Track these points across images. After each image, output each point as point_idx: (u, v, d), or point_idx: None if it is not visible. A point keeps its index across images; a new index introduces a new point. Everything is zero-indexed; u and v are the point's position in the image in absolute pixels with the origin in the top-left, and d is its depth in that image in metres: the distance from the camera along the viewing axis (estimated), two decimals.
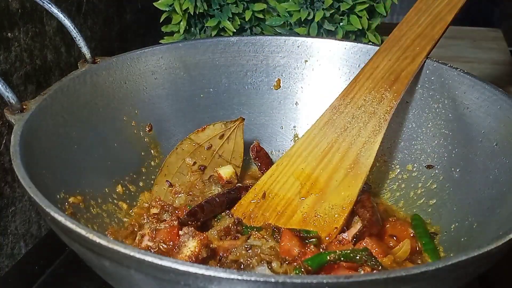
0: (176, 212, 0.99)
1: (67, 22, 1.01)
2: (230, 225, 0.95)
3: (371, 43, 1.24)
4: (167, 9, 1.31)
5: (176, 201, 1.04)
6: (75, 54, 1.22)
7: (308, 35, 1.28)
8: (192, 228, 0.91)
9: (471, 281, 0.75)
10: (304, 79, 1.17)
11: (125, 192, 1.03)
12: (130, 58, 1.09)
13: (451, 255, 0.90)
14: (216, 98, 1.16)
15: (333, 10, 1.28)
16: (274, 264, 0.83)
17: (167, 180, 1.07)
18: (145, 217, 1.01)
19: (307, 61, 1.17)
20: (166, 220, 0.96)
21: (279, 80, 1.17)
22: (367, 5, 1.28)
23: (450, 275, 0.68)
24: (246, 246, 0.87)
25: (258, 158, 1.11)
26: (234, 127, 1.09)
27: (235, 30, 1.31)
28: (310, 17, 1.27)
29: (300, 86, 1.18)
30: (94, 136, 1.00)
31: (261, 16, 1.34)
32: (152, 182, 1.07)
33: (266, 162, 1.09)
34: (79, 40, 1.03)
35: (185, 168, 1.08)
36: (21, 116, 0.88)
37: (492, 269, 0.76)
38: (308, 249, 0.88)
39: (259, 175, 1.09)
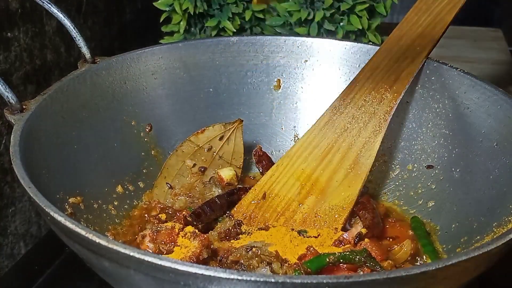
0: (178, 214, 0.99)
1: (67, 22, 1.01)
2: (231, 227, 0.95)
3: (371, 43, 1.24)
4: (167, 9, 1.31)
5: (176, 204, 1.03)
6: (75, 54, 1.22)
7: (308, 35, 1.28)
8: (193, 229, 0.91)
9: (471, 281, 0.75)
10: (304, 79, 1.17)
11: (125, 192, 1.03)
12: (130, 58, 1.09)
13: (451, 255, 0.90)
14: (216, 98, 1.16)
15: (333, 10, 1.28)
16: (274, 265, 0.83)
17: (167, 182, 1.06)
18: (146, 217, 1.01)
19: (307, 61, 1.16)
20: (167, 222, 0.96)
21: (279, 80, 1.17)
22: (367, 5, 1.28)
23: (450, 275, 0.68)
24: (246, 247, 0.87)
25: (260, 162, 1.11)
26: (233, 128, 1.09)
27: (235, 30, 1.31)
28: (310, 17, 1.27)
29: (300, 86, 1.18)
30: (94, 136, 1.00)
31: (261, 16, 1.34)
32: (152, 182, 1.07)
33: (268, 166, 1.08)
34: (79, 40, 1.03)
35: (185, 170, 1.08)
36: (21, 116, 0.88)
37: (492, 269, 0.76)
38: (308, 251, 0.88)
39: (260, 177, 1.09)
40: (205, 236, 0.89)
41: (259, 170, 1.10)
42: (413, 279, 0.65)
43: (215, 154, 1.09)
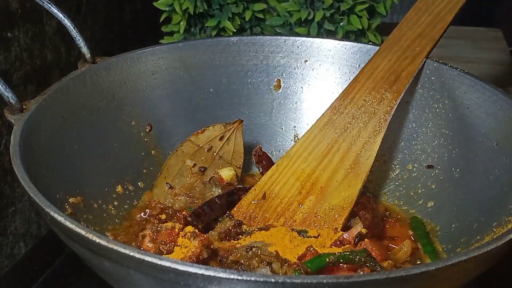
0: (178, 214, 0.99)
1: (66, 22, 1.01)
2: (231, 227, 0.95)
3: (371, 43, 1.24)
4: (167, 9, 1.31)
5: (176, 204, 1.03)
6: (75, 54, 1.22)
7: (308, 35, 1.28)
8: (193, 229, 0.91)
9: (471, 281, 0.75)
10: (304, 79, 1.17)
11: (125, 192, 1.03)
12: (130, 58, 1.09)
13: (451, 255, 0.90)
14: (216, 98, 1.16)
15: (333, 10, 1.28)
16: (274, 266, 0.83)
17: (167, 183, 1.06)
18: (147, 218, 1.01)
19: (307, 61, 1.17)
20: (167, 221, 0.96)
21: (279, 80, 1.17)
22: (367, 5, 1.28)
23: (450, 275, 0.68)
24: (246, 247, 0.87)
25: (260, 162, 1.11)
26: (233, 128, 1.09)
27: (235, 30, 1.31)
28: (310, 17, 1.27)
29: (300, 86, 1.18)
30: (94, 136, 1.00)
31: (261, 16, 1.34)
32: (152, 182, 1.07)
33: (268, 166, 1.08)
34: (78, 40, 1.03)
35: (185, 170, 1.08)
36: (21, 116, 0.88)
37: (492, 269, 0.76)
38: (308, 251, 0.88)
39: (260, 177, 1.09)
40: (205, 236, 0.89)
41: (259, 170, 1.10)
42: (413, 279, 0.65)
43: (215, 154, 1.09)
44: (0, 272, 1.05)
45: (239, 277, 0.62)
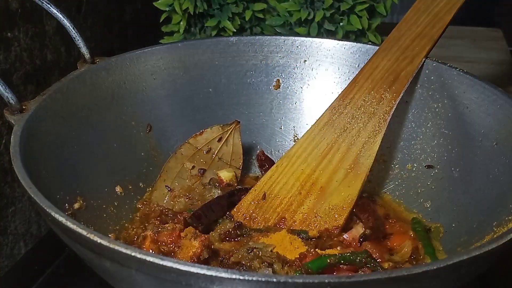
0: (178, 216, 0.99)
1: (66, 22, 1.01)
2: (231, 229, 0.95)
3: (371, 43, 1.24)
4: (167, 9, 1.31)
5: (176, 206, 1.03)
6: (75, 54, 1.22)
7: (307, 35, 1.29)
8: (194, 229, 0.91)
9: (471, 281, 0.76)
10: (303, 79, 1.17)
11: (125, 192, 1.03)
12: (130, 58, 1.08)
13: (451, 255, 0.90)
14: (215, 98, 1.16)
15: (333, 10, 1.28)
16: (275, 266, 0.83)
17: (166, 185, 1.06)
18: (147, 218, 1.01)
19: (306, 61, 1.17)
20: (168, 222, 0.96)
21: (278, 80, 1.17)
22: (367, 5, 1.28)
23: (451, 274, 0.69)
24: (247, 248, 0.87)
25: (262, 166, 1.11)
26: (231, 129, 1.09)
27: (235, 30, 1.31)
28: (310, 17, 1.27)
29: (300, 86, 1.18)
30: (93, 137, 1.00)
31: (261, 16, 1.34)
32: (152, 183, 1.07)
33: None
34: (78, 40, 1.03)
35: (185, 172, 1.08)
36: (20, 117, 0.88)
37: (492, 269, 0.76)
38: (308, 252, 0.88)
39: (259, 177, 1.09)
40: (206, 236, 0.89)
41: (262, 173, 1.10)
42: (414, 279, 0.65)
43: (214, 155, 1.09)
44: (0, 272, 1.05)
45: (241, 277, 0.62)
